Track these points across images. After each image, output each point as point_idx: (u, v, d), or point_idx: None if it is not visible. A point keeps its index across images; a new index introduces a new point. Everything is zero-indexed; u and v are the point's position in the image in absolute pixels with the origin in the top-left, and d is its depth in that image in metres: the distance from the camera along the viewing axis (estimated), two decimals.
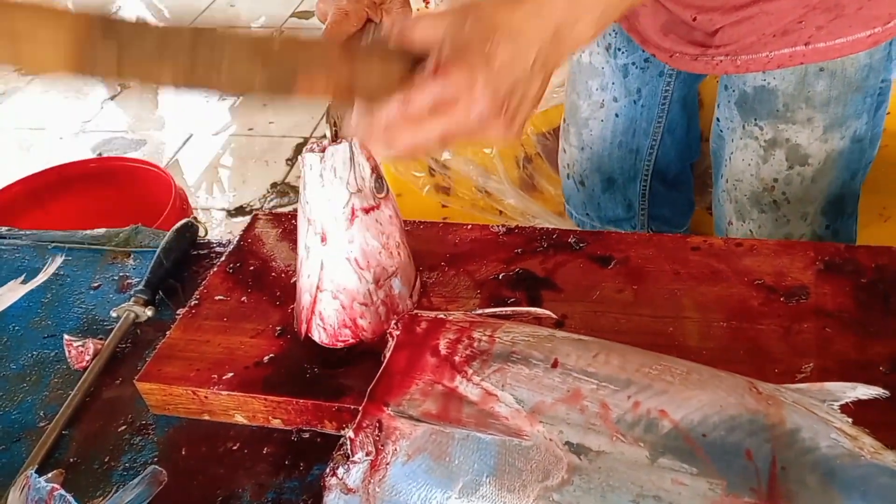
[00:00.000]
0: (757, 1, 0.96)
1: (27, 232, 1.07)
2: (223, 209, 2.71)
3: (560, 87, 1.62)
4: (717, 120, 1.18)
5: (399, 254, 0.81)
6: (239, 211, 2.68)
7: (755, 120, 1.08)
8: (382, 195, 0.79)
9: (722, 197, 1.20)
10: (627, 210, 1.42)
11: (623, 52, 1.22)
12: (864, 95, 1.03)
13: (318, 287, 0.78)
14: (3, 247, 1.04)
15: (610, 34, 1.21)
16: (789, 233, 1.15)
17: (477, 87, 0.61)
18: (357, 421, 0.62)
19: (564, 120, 1.39)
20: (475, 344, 0.66)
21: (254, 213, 1.02)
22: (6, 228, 1.08)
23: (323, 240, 0.77)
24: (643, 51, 1.19)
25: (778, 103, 1.05)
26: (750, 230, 1.17)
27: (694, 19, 1.02)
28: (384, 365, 0.66)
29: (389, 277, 0.80)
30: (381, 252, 0.79)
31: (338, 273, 0.77)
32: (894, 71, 1.05)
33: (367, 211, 0.77)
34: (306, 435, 0.77)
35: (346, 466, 0.62)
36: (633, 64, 1.23)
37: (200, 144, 3.05)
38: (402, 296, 0.81)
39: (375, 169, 0.78)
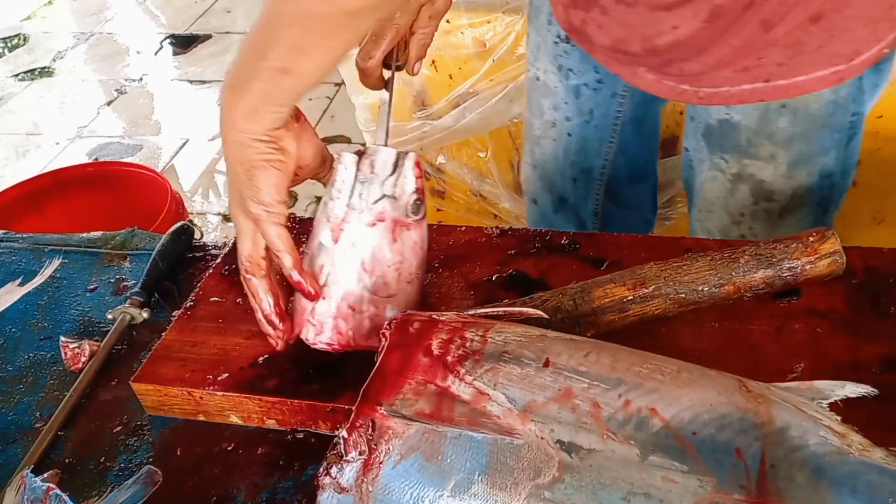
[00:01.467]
0: (716, 37, 0.94)
1: (24, 235, 1.07)
2: (218, 214, 2.72)
3: None
4: (686, 149, 1.15)
5: (407, 284, 0.79)
6: None
7: (720, 153, 1.06)
8: (416, 217, 0.78)
9: (696, 226, 1.19)
10: (580, 229, 1.40)
11: (575, 74, 1.20)
12: (832, 132, 1.00)
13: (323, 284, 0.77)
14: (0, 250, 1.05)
15: (562, 55, 1.19)
16: None
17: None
18: (350, 420, 0.63)
19: (524, 137, 1.38)
20: (467, 344, 0.66)
21: None
22: (3, 232, 1.09)
23: (337, 233, 0.76)
24: (596, 72, 1.17)
25: (741, 138, 1.02)
26: None
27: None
28: (377, 365, 0.67)
29: (387, 298, 0.78)
30: (390, 267, 0.77)
31: (343, 265, 0.76)
32: (868, 103, 1.01)
33: (395, 223, 0.76)
34: (301, 435, 0.77)
35: (340, 466, 0.62)
36: (586, 85, 1.21)
37: (196, 150, 3.05)
38: None
39: (419, 192, 0.78)
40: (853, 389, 0.61)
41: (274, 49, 0.68)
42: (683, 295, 0.78)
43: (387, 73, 0.87)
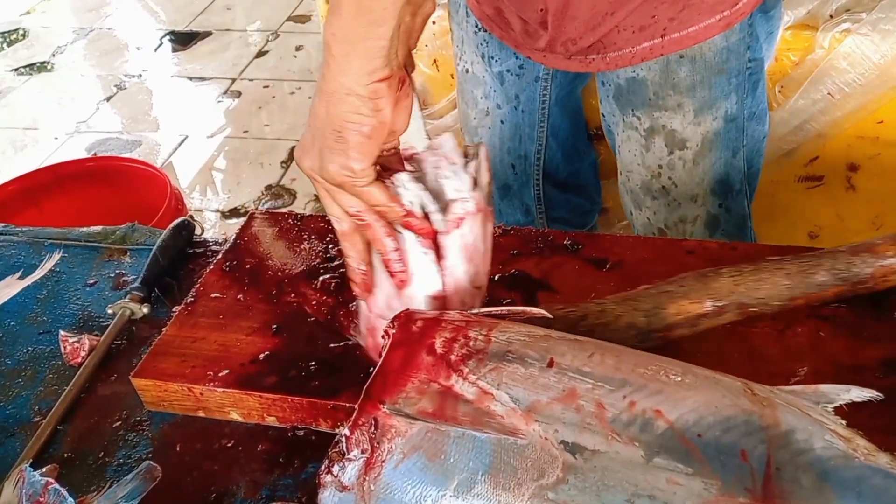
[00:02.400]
0: (611, 6, 1.00)
1: (23, 229, 1.07)
2: (217, 210, 2.71)
3: None
4: (603, 115, 1.22)
5: (485, 276, 0.77)
6: (233, 213, 2.68)
7: (632, 111, 1.12)
8: (490, 208, 0.76)
9: (621, 189, 1.25)
10: (526, 215, 1.46)
11: (497, 60, 1.26)
12: (729, 76, 1.07)
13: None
14: None
15: (482, 43, 1.24)
16: (683, 215, 1.18)
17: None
18: (353, 419, 0.62)
19: (462, 129, 1.43)
20: (471, 343, 0.66)
21: (250, 211, 1.02)
22: (2, 225, 1.08)
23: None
24: (517, 57, 1.22)
25: (649, 92, 1.09)
26: (647, 218, 1.22)
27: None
28: (380, 363, 0.66)
29: (478, 289, 0.76)
30: (484, 256, 0.76)
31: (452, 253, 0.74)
32: (766, 51, 1.10)
33: (481, 211, 0.74)
34: (301, 433, 0.77)
35: (342, 464, 0.62)
36: (508, 71, 1.27)
37: (195, 146, 3.04)
38: None
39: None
40: (858, 393, 0.61)
41: None
42: (755, 309, 0.78)
43: None
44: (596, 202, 1.63)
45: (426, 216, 0.72)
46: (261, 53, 3.62)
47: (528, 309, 0.72)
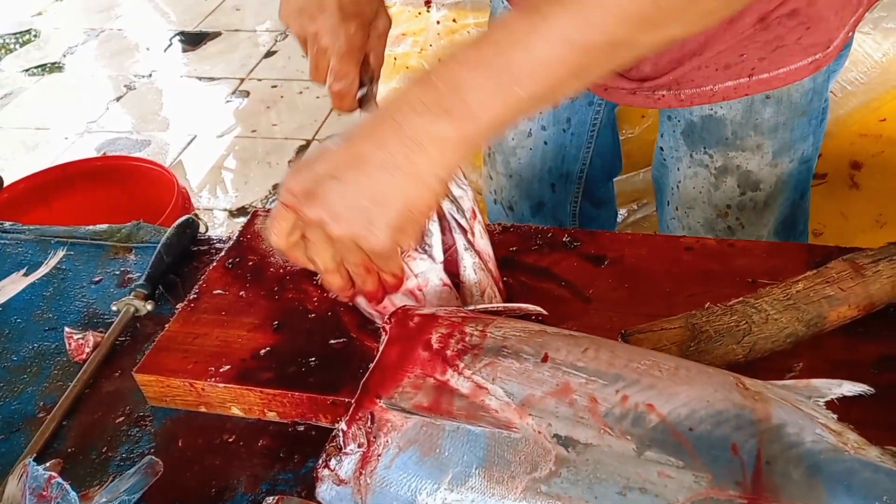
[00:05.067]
0: (700, 47, 0.97)
1: (30, 227, 1.08)
2: (225, 209, 2.73)
3: None
4: (661, 149, 1.16)
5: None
6: (241, 211, 2.70)
7: (704, 149, 1.07)
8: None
9: (672, 224, 1.19)
10: None
11: None
12: (810, 118, 1.04)
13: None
14: (6, 241, 1.05)
15: None
16: None
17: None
18: (349, 413, 0.63)
19: (490, 148, 1.38)
20: (467, 338, 0.67)
21: (254, 209, 1.03)
22: (9, 223, 1.09)
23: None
24: None
25: (727, 131, 1.04)
26: None
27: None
28: (377, 358, 0.67)
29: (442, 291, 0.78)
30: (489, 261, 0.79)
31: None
32: (831, 82, 1.06)
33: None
34: (301, 428, 0.78)
35: (339, 458, 0.62)
36: None
37: (204, 145, 3.06)
38: None
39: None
40: (850, 388, 0.62)
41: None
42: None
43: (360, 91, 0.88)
44: (616, 214, 1.60)
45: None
46: (269, 53, 3.64)
47: (524, 306, 0.73)
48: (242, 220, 2.62)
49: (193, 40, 3.84)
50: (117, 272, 1.00)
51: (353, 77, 0.86)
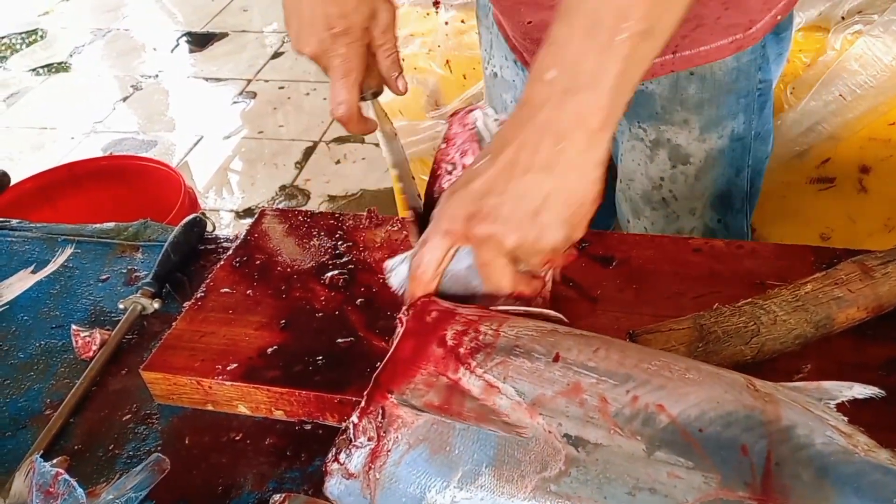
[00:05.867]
0: None
1: (38, 225, 1.08)
2: (231, 210, 2.73)
3: None
4: None
5: None
6: (247, 212, 2.70)
7: (638, 122, 1.12)
8: None
9: (619, 197, 1.24)
10: None
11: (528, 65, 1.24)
12: (738, 96, 1.06)
13: None
14: (13, 239, 1.06)
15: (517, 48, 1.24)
16: (680, 227, 1.19)
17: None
18: (361, 405, 0.63)
19: None
20: (480, 337, 0.66)
21: (261, 209, 1.03)
22: (17, 221, 1.09)
23: None
24: None
25: (656, 106, 1.08)
26: (644, 227, 1.22)
27: None
28: (391, 351, 0.67)
29: None
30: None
31: None
32: (774, 71, 1.10)
33: None
34: (308, 427, 0.78)
35: (348, 451, 0.62)
36: None
37: (210, 146, 3.07)
38: None
39: None
40: (861, 391, 0.61)
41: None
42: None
43: (366, 109, 0.89)
44: (612, 207, 1.62)
45: None
46: (276, 55, 3.64)
47: (545, 311, 0.73)
48: (249, 221, 2.64)
49: (200, 41, 3.85)
50: (124, 270, 1.00)
51: (349, 101, 0.88)
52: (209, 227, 1.04)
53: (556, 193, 0.65)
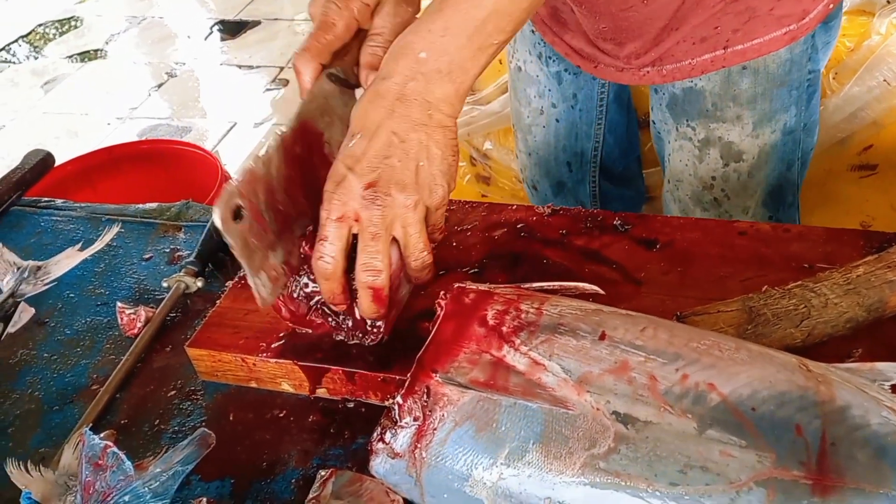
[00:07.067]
0: (676, 23, 0.98)
1: (82, 204, 1.09)
2: None
3: None
4: (653, 122, 1.19)
5: None
6: None
7: (687, 121, 1.09)
8: None
9: (667, 197, 1.22)
10: None
11: (554, 61, 1.24)
12: (790, 89, 1.04)
13: None
14: (58, 218, 1.07)
15: (539, 43, 1.23)
16: None
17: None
18: (406, 386, 0.63)
19: (513, 125, 1.42)
20: (522, 315, 0.66)
21: None
22: (61, 201, 1.11)
23: None
24: None
25: (707, 103, 1.06)
26: None
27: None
28: (432, 333, 0.67)
29: None
30: None
31: None
32: (822, 60, 1.07)
33: None
34: (351, 405, 0.78)
35: (394, 431, 0.62)
36: (566, 70, 1.25)
37: (243, 133, 3.08)
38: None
39: None
40: None
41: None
42: None
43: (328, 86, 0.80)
44: (641, 192, 1.62)
45: None
46: None
47: (579, 284, 0.72)
48: None
49: (233, 29, 3.87)
50: (167, 250, 1.00)
51: (308, 66, 0.79)
52: None
53: (434, 147, 0.71)
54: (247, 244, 0.69)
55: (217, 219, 0.66)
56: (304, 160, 0.76)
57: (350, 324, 0.77)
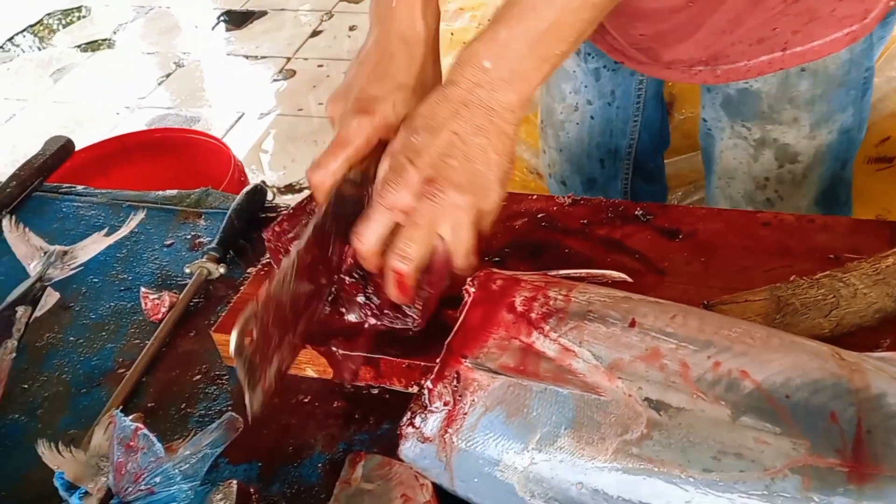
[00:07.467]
0: (732, 24, 0.96)
1: (102, 191, 1.10)
2: (272, 186, 2.74)
3: None
4: (704, 119, 1.16)
5: None
6: (288, 188, 2.72)
7: (742, 121, 1.07)
8: None
9: (716, 193, 1.19)
10: None
11: (593, 57, 1.22)
12: (848, 89, 1.02)
13: None
14: (79, 204, 1.07)
15: None
16: None
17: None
18: (436, 371, 0.63)
19: (542, 121, 1.39)
20: (551, 302, 0.66)
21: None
22: (82, 187, 1.11)
23: None
24: None
25: (763, 105, 1.04)
26: None
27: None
28: (461, 320, 0.67)
29: None
30: None
31: None
32: (876, 55, 1.05)
33: None
34: (376, 391, 0.78)
35: (424, 415, 0.63)
36: (605, 67, 1.23)
37: (250, 123, 3.08)
38: None
39: None
40: None
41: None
42: None
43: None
44: (664, 185, 1.60)
45: None
46: (315, 33, 3.65)
47: (606, 272, 0.73)
48: (289, 197, 2.65)
49: (239, 19, 3.86)
50: (188, 236, 1.01)
51: (329, 171, 0.78)
52: (269, 196, 1.05)
53: (494, 152, 0.72)
54: (252, 366, 0.66)
55: (232, 347, 0.63)
56: (313, 262, 0.74)
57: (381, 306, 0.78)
